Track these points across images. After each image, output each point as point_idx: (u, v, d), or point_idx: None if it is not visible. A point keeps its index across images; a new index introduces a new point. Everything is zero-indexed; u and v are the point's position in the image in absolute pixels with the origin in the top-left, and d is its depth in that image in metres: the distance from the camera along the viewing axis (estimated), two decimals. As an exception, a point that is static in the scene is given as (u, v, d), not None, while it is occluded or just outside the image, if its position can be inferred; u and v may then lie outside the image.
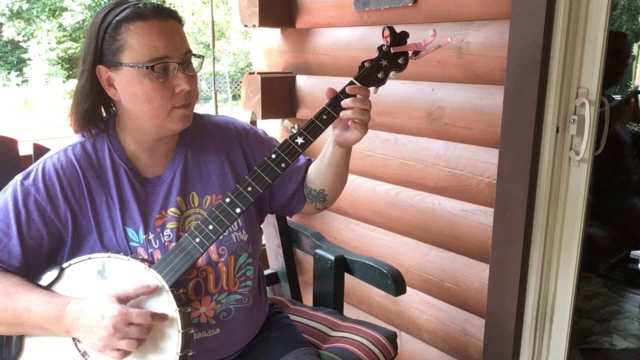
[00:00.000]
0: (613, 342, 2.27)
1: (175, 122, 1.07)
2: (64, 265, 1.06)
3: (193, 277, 1.14)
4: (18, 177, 1.08)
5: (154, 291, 1.01)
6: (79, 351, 1.04)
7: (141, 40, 1.01)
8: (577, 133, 1.44)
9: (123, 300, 0.98)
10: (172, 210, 1.14)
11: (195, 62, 1.11)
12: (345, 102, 1.05)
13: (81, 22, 14.27)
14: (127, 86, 1.04)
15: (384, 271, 1.50)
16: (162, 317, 0.99)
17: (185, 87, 1.04)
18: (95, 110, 1.10)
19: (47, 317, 1.00)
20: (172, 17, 1.05)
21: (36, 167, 1.08)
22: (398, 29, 1.10)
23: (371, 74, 1.08)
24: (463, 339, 1.77)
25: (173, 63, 1.03)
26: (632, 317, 2.47)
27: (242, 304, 1.21)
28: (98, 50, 1.03)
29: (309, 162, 1.30)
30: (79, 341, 1.04)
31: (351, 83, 1.08)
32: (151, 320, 0.97)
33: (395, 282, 1.48)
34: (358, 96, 1.06)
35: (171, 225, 1.13)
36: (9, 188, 1.08)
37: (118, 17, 1.02)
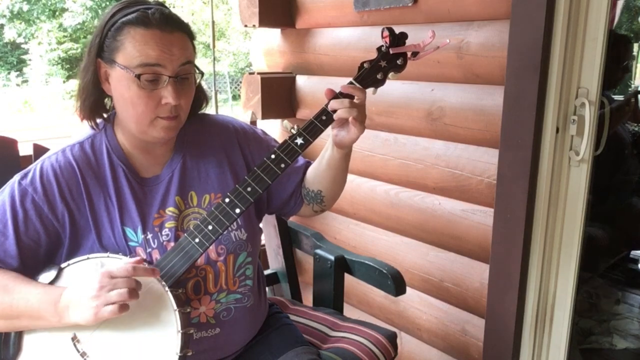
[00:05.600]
0: (613, 342, 2.27)
1: (158, 131, 1.07)
2: (63, 265, 1.06)
3: (192, 277, 1.14)
4: (16, 177, 1.08)
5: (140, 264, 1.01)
6: (78, 351, 1.04)
7: (137, 45, 1.01)
8: (577, 133, 1.44)
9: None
10: (170, 210, 1.14)
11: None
12: (332, 105, 1.05)
13: (82, 23, 14.25)
14: (117, 85, 1.05)
15: (384, 271, 1.50)
16: (145, 270, 0.99)
17: (170, 101, 1.03)
18: (101, 102, 1.11)
19: (44, 305, 1.00)
20: (178, 30, 1.04)
21: (34, 167, 1.09)
22: (398, 29, 1.10)
23: (370, 75, 1.09)
24: (463, 339, 1.77)
25: (164, 75, 1.02)
26: (632, 317, 2.46)
27: (242, 303, 1.21)
28: (101, 45, 1.04)
29: (307, 164, 1.30)
30: (78, 341, 1.04)
31: (350, 84, 1.08)
32: (133, 271, 0.97)
33: (395, 282, 1.48)
34: (355, 98, 1.06)
35: (170, 224, 1.13)
36: (7, 188, 1.08)
37: (124, 19, 1.02)
